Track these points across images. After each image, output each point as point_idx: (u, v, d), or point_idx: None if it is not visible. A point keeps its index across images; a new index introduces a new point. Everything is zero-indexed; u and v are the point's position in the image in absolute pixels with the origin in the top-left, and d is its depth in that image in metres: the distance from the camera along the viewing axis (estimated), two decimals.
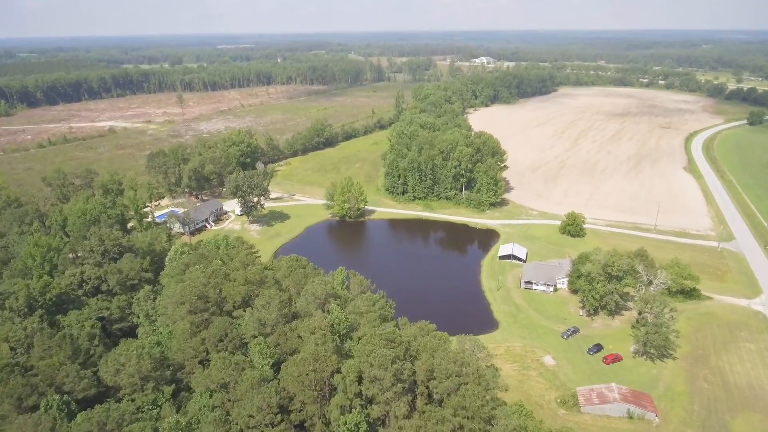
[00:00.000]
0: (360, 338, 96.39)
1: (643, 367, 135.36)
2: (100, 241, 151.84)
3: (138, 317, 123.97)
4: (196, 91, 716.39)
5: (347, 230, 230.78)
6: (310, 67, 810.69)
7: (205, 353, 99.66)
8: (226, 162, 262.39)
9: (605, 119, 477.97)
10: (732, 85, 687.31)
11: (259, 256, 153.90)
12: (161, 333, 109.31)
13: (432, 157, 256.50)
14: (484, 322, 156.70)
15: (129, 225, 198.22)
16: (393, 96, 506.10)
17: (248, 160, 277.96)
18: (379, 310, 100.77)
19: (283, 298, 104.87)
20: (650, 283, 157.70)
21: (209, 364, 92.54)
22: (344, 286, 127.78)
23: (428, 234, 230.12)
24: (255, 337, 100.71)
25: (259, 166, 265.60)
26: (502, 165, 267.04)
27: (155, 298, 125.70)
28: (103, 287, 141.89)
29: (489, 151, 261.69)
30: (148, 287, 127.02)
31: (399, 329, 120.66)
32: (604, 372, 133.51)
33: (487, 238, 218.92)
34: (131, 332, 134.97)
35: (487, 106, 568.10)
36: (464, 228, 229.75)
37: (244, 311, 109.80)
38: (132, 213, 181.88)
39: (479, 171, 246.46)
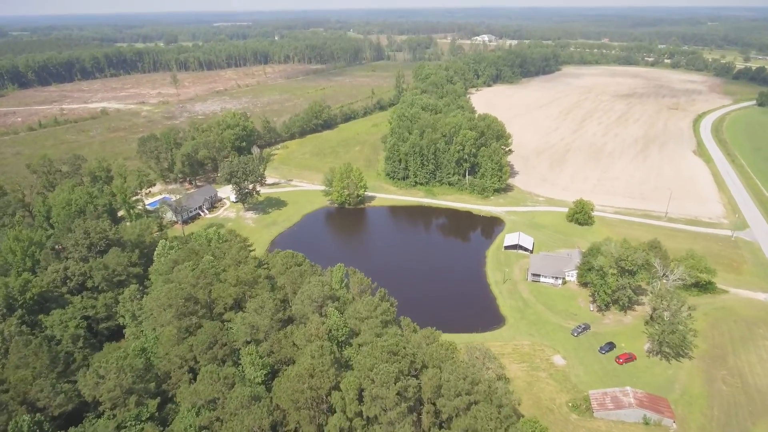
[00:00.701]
0: (360, 346, 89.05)
1: (658, 367, 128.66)
2: (85, 233, 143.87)
3: (124, 318, 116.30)
4: (192, 71, 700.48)
5: (346, 218, 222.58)
6: (308, 45, 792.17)
7: (194, 361, 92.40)
8: (220, 146, 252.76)
9: (611, 100, 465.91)
10: (740, 64, 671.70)
11: (253, 250, 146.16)
12: (147, 337, 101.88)
13: (434, 141, 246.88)
14: (490, 317, 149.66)
15: (120, 214, 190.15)
16: (393, 76, 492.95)
17: (243, 144, 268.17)
18: (380, 315, 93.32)
19: (277, 299, 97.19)
20: (664, 275, 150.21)
21: (197, 376, 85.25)
22: (343, 285, 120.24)
23: (431, 222, 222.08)
24: (248, 343, 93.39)
25: (255, 150, 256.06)
26: (507, 149, 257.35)
27: (142, 297, 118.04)
28: (89, 284, 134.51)
29: (493, 135, 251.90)
30: (134, 286, 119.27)
31: (402, 331, 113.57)
32: (617, 373, 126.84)
33: (492, 226, 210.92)
34: (119, 331, 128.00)
35: (489, 86, 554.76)
36: (468, 216, 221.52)
37: (236, 314, 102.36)
38: (120, 202, 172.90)
39: (483, 156, 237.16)
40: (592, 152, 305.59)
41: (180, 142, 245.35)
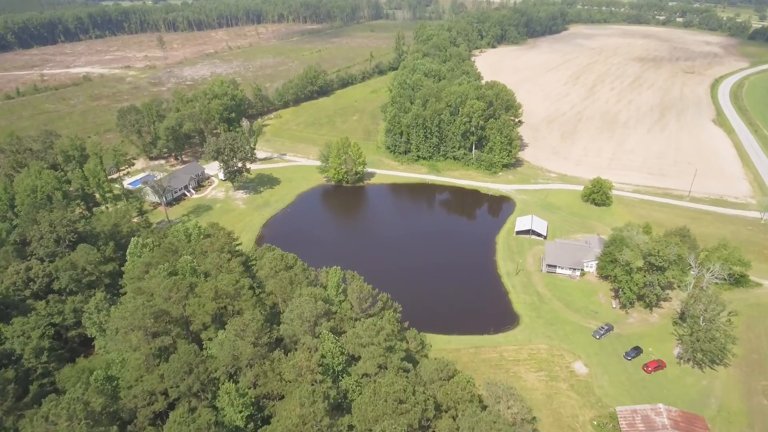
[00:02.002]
0: (361, 377, 75.13)
1: (691, 376, 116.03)
2: (51, 226, 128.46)
3: (91, 330, 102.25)
4: (181, 31, 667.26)
5: (344, 198, 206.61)
6: (303, 3, 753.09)
7: (164, 396, 78.74)
8: (207, 118, 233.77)
9: (623, 62, 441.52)
10: (756, 23, 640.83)
11: (239, 244, 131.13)
12: (114, 361, 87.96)
13: (438, 111, 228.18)
14: (503, 316, 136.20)
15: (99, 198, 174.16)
16: (392, 36, 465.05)
17: (233, 115, 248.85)
18: (384, 342, 79.30)
19: (260, 320, 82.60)
20: (699, 272, 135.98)
21: (167, 417, 71.70)
22: (340, 291, 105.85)
23: (435, 203, 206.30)
24: (229, 374, 79.57)
25: (244, 123, 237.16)
26: (517, 120, 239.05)
27: (111, 306, 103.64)
28: (56, 285, 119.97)
29: (502, 105, 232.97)
30: (100, 294, 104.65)
31: (408, 344, 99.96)
32: (645, 383, 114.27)
33: (502, 207, 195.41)
34: (92, 339, 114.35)
35: (493, 47, 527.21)
36: (475, 195, 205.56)
37: (217, 332, 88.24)
38: (94, 187, 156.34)
39: (492, 128, 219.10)
40: (605, 121, 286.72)
41: (163, 114, 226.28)
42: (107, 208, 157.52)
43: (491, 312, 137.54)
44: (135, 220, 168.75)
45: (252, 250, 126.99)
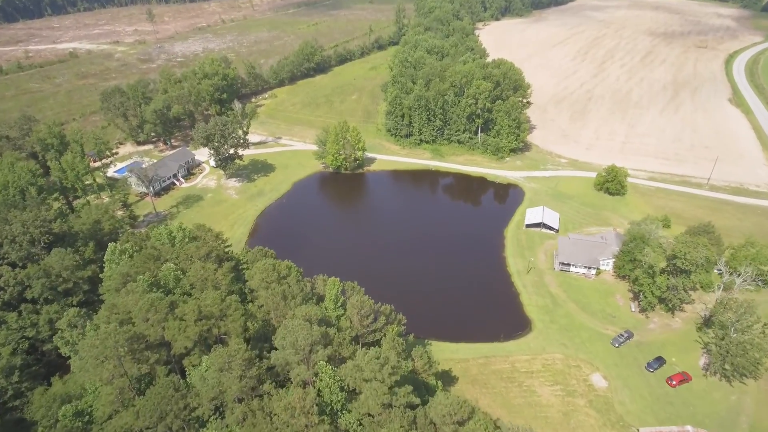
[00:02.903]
0: (363, 417, 65.83)
1: (718, 391, 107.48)
2: (23, 227, 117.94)
3: (64, 349, 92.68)
4: (172, 3, 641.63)
5: (342, 187, 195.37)
6: None
7: None
8: (197, 100, 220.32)
9: (632, 36, 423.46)
10: None
11: (229, 246, 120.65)
12: (87, 390, 78.57)
13: (442, 92, 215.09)
14: (514, 320, 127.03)
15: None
16: (392, 9, 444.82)
17: (224, 95, 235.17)
18: (388, 378, 69.70)
19: (247, 356, 72.75)
20: (729, 276, 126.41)
21: None
22: (339, 304, 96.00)
23: (439, 191, 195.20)
24: (215, 407, 70.27)
25: (236, 105, 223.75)
26: (525, 101, 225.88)
27: (87, 321, 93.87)
28: (28, 294, 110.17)
29: (510, 85, 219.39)
30: (72, 310, 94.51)
31: (414, 363, 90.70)
32: (669, 398, 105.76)
33: (510, 196, 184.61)
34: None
35: (497, 19, 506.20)
36: (481, 182, 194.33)
37: (200, 358, 78.69)
38: (72, 181, 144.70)
39: (499, 111, 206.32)
40: (616, 101, 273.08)
41: (150, 96, 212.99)
42: (88, 202, 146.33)
43: (501, 316, 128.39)
44: (119, 212, 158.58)
45: (243, 252, 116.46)
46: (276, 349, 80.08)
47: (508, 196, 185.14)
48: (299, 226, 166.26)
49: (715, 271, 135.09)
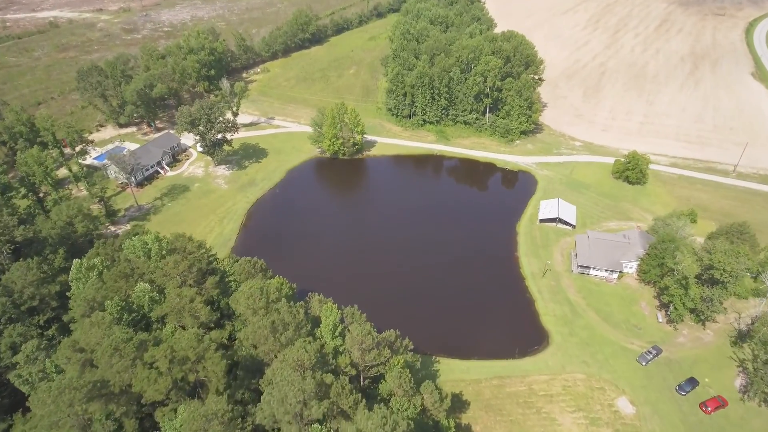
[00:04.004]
0: None
1: (758, 418, 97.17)
2: None
3: (24, 388, 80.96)
4: None
5: (339, 175, 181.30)
6: None
7: None
8: (182, 78, 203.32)
9: (645, 2, 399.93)
10: None
11: (214, 255, 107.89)
12: None
13: (447, 69, 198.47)
14: (529, 332, 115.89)
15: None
16: None
17: (212, 72, 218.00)
18: None
19: (227, 413, 61.05)
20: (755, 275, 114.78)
21: None
22: (339, 332, 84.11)
23: (445, 180, 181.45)
24: None
25: (224, 84, 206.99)
26: (537, 78, 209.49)
27: (50, 354, 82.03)
28: None
29: (522, 61, 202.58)
30: (32, 343, 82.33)
31: (422, 399, 79.48)
32: (704, 427, 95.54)
33: (521, 185, 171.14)
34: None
35: None
36: (490, 169, 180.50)
37: (175, 411, 67.11)
38: (40, 176, 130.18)
39: (509, 90, 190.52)
40: (632, 75, 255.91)
41: (130, 74, 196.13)
42: (59, 199, 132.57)
43: (516, 327, 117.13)
44: (94, 206, 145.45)
45: (230, 263, 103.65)
46: (263, 392, 68.79)
47: (519, 185, 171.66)
48: (293, 221, 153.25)
49: (748, 274, 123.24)
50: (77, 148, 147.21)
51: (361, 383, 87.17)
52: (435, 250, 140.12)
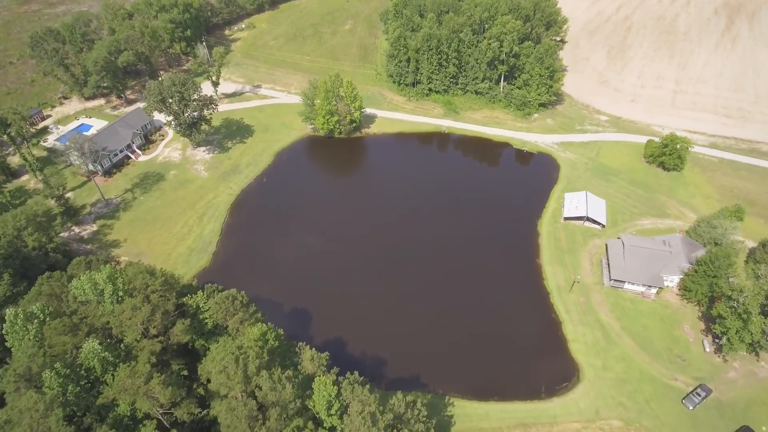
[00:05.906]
0: None
1: None
2: None
3: None
4: None
5: (334, 158, 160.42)
6: None
7: None
8: (152, 42, 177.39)
9: None
10: None
11: (186, 284, 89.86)
12: None
13: (457, 30, 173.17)
14: (557, 364, 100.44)
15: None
16: None
17: (188, 32, 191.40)
18: None
19: None
20: None
21: None
22: (336, 410, 67.96)
23: (454, 165, 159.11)
24: None
25: (201, 50, 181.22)
26: (559, 39, 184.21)
27: None
28: None
29: (543, 20, 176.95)
30: None
31: None
32: None
33: (542, 170, 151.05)
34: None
35: None
36: (506, 150, 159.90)
37: None
38: None
39: (528, 56, 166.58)
40: (661, 31, 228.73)
41: (92, 37, 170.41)
42: (7, 204, 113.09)
43: (540, 357, 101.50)
44: (52, 202, 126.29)
45: (203, 299, 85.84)
46: None
47: (539, 170, 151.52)
48: (281, 218, 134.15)
49: None
50: (27, 132, 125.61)
51: None
52: (444, 257, 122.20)
